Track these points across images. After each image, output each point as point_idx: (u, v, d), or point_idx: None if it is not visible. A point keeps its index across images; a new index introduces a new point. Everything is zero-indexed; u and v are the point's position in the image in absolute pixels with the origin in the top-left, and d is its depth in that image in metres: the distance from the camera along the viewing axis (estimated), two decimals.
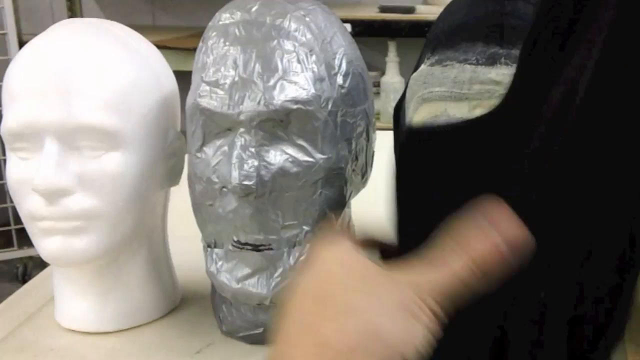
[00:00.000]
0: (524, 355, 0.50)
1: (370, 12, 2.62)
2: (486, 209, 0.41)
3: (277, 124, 0.67)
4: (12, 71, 0.72)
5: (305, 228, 0.69)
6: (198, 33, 0.77)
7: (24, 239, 2.32)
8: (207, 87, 0.68)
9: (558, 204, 0.47)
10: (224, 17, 0.70)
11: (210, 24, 0.71)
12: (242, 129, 0.67)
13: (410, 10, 2.55)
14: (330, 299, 0.40)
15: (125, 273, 0.78)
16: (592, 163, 0.47)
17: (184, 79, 0.83)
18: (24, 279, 2.59)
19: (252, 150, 0.66)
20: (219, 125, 0.68)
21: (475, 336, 0.51)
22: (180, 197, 0.81)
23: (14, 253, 2.54)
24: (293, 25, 0.68)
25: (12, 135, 0.71)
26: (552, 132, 0.46)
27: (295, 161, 0.67)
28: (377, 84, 2.57)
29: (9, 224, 2.44)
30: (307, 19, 0.69)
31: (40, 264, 2.43)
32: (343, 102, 0.69)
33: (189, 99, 0.70)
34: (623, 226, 0.50)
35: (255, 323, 0.74)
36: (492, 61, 0.56)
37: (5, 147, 0.74)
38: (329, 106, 0.68)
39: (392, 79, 2.58)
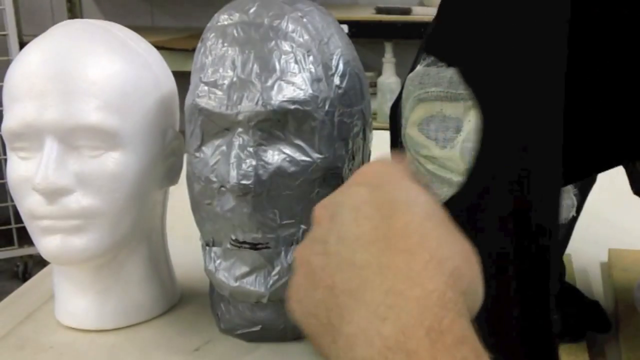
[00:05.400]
0: None
1: (366, 13, 2.62)
2: None
3: (275, 124, 0.68)
4: (13, 72, 0.73)
5: (303, 227, 0.70)
6: (197, 34, 0.77)
7: (25, 238, 2.33)
8: (206, 88, 0.68)
9: None
10: (222, 18, 0.71)
11: (208, 25, 0.72)
12: (240, 129, 0.67)
13: (406, 11, 2.56)
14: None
15: (124, 271, 0.78)
16: None
17: (182, 79, 0.84)
18: (24, 277, 2.59)
19: (250, 150, 0.67)
20: (217, 125, 0.69)
21: None
22: (179, 196, 0.81)
23: (15, 251, 2.55)
24: (290, 27, 0.69)
25: (13, 135, 0.72)
26: None
27: (292, 161, 0.68)
28: (373, 84, 2.58)
29: (9, 223, 2.45)
30: (305, 20, 0.70)
31: (40, 262, 2.42)
32: (340, 102, 0.70)
33: (188, 99, 0.71)
34: None
35: (253, 321, 0.75)
36: None
37: (6, 147, 0.74)
38: (326, 106, 0.69)
39: (388, 79, 2.59)
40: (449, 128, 0.66)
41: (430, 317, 0.36)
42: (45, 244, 0.73)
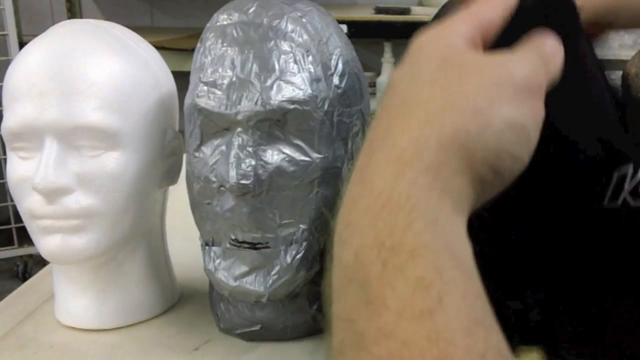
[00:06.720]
0: None
1: (365, 13, 2.62)
2: None
3: (274, 124, 0.68)
4: (13, 72, 0.73)
5: (302, 226, 0.70)
6: (196, 34, 0.78)
7: (24, 237, 2.33)
8: (205, 88, 0.69)
9: None
10: (222, 18, 0.71)
11: (208, 25, 0.72)
12: (239, 129, 0.68)
13: (405, 11, 2.56)
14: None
15: (124, 271, 0.79)
16: None
17: (182, 79, 0.84)
18: (24, 276, 2.60)
19: (250, 149, 0.67)
20: (216, 125, 0.69)
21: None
22: (178, 196, 0.81)
23: (15, 251, 2.55)
24: (290, 26, 0.69)
25: (13, 134, 0.72)
26: None
27: (292, 160, 0.68)
28: (372, 85, 2.58)
29: (9, 222, 2.45)
30: (304, 20, 0.70)
31: (40, 262, 2.43)
32: (339, 102, 0.70)
33: (187, 99, 0.71)
34: None
35: (252, 320, 0.75)
36: None
37: (6, 147, 0.75)
38: (326, 106, 0.69)
39: (387, 80, 2.59)
40: None
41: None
42: (45, 243, 0.73)
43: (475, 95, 0.38)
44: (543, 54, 0.41)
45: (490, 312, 0.33)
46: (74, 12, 2.88)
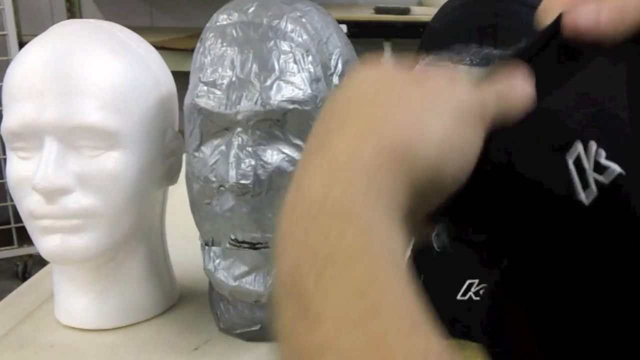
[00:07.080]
0: None
1: (365, 13, 2.63)
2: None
3: (274, 124, 0.68)
4: (13, 72, 0.73)
5: None
6: (196, 34, 0.78)
7: (24, 237, 2.32)
8: (205, 87, 0.69)
9: None
10: (222, 18, 0.71)
11: (207, 25, 0.72)
12: (239, 129, 0.68)
13: (405, 11, 2.56)
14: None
15: (124, 271, 0.79)
16: None
17: (182, 79, 0.84)
18: (24, 276, 2.59)
19: (249, 149, 0.67)
20: (216, 125, 0.69)
21: None
22: (178, 196, 0.81)
23: (14, 251, 2.55)
24: (289, 26, 0.69)
25: (12, 134, 0.72)
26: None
27: (291, 160, 0.68)
28: None
29: (9, 222, 2.45)
30: (304, 20, 0.70)
31: (40, 262, 2.41)
32: None
33: (187, 99, 0.71)
34: None
35: (252, 320, 0.75)
36: (486, 62, 0.57)
37: (6, 147, 0.75)
38: None
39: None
40: None
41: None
42: (45, 243, 0.73)
43: (417, 111, 0.37)
44: (498, 90, 0.40)
45: (428, 314, 0.32)
46: (73, 12, 2.89)
